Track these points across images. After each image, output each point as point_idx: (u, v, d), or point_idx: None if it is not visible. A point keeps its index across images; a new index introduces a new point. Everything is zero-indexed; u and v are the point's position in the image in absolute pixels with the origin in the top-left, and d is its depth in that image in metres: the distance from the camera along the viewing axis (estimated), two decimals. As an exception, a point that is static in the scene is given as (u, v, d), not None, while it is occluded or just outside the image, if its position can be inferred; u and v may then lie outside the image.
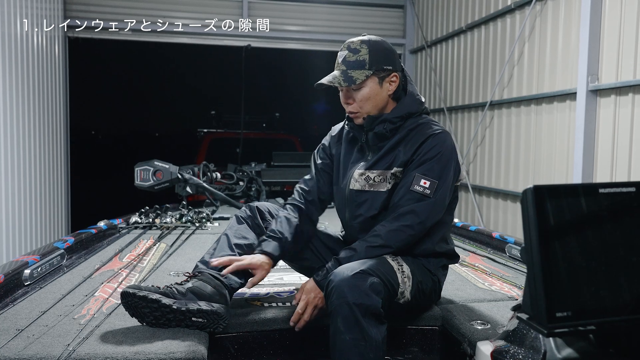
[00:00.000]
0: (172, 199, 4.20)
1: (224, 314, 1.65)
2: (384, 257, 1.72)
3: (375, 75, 1.79)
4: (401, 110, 1.83)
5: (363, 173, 1.84)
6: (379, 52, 1.80)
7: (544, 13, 4.38)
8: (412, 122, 1.83)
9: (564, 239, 0.94)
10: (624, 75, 3.51)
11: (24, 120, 4.94)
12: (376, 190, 1.81)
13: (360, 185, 1.84)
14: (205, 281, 1.69)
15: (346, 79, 1.78)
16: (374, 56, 1.78)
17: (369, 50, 1.79)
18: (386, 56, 1.81)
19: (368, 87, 1.79)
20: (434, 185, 1.73)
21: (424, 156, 1.76)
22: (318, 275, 1.73)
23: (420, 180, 1.73)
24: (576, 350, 1.02)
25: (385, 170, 1.81)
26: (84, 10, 6.34)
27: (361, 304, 1.52)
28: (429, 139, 1.77)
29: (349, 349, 1.51)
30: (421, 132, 1.80)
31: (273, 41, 6.99)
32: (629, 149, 3.47)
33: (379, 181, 1.81)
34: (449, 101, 6.19)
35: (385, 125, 1.81)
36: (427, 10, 6.74)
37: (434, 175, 1.74)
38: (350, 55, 1.79)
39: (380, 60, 1.79)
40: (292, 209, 1.94)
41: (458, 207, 5.97)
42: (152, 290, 1.63)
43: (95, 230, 3.03)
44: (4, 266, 2.10)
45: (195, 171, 4.14)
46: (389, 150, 1.82)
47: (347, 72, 1.78)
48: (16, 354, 1.43)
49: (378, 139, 1.84)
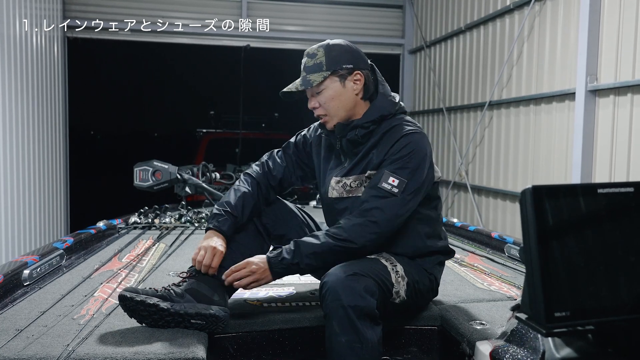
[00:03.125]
0: (171, 199, 4.20)
1: (222, 317, 1.65)
2: (377, 258, 1.72)
3: (334, 75, 1.77)
4: (373, 114, 1.80)
5: (340, 180, 1.83)
6: (336, 53, 1.79)
7: (543, 13, 4.38)
8: (386, 124, 1.80)
9: (563, 239, 0.94)
10: (622, 75, 3.51)
11: (23, 120, 4.94)
12: (354, 195, 1.80)
13: (337, 192, 1.83)
14: (202, 281, 1.69)
15: (303, 82, 1.79)
16: (330, 57, 1.78)
17: (325, 52, 1.78)
18: (345, 55, 1.79)
19: (329, 88, 1.78)
20: (402, 184, 1.69)
21: (395, 155, 1.73)
22: (272, 252, 1.72)
23: (388, 178, 1.70)
24: (575, 350, 1.02)
25: (360, 174, 1.80)
26: (83, 11, 6.34)
27: (356, 306, 1.52)
28: (401, 139, 1.75)
29: (345, 351, 1.52)
30: (394, 133, 1.77)
31: (272, 41, 6.99)
32: (628, 149, 3.47)
33: (356, 186, 1.80)
34: (448, 101, 6.19)
35: (357, 132, 1.79)
36: (426, 11, 6.74)
37: (403, 174, 1.70)
38: (309, 60, 1.80)
39: (337, 60, 1.78)
40: (252, 184, 1.91)
41: (457, 207, 6.00)
42: (149, 293, 1.62)
43: (95, 231, 3.03)
44: (3, 266, 2.10)
45: (194, 171, 4.14)
46: (363, 155, 1.80)
47: (306, 77, 1.79)
48: (15, 354, 1.43)
49: (352, 145, 1.82)
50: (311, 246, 1.67)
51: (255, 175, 1.94)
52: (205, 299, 1.65)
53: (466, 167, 5.71)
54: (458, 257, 2.74)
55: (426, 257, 1.83)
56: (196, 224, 3.55)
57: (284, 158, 1.99)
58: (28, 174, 5.03)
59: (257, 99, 10.09)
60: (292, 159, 1.99)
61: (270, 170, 1.96)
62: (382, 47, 7.29)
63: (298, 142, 2.01)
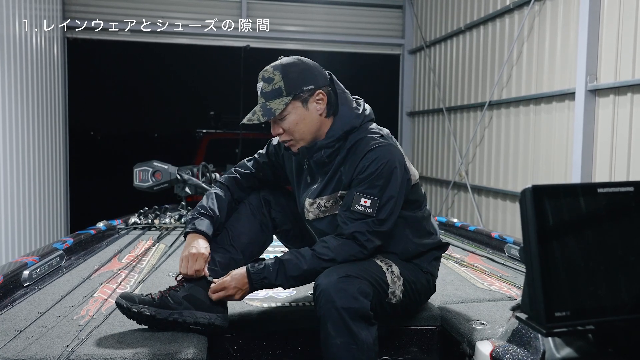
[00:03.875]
0: (171, 199, 4.19)
1: (221, 324, 1.65)
2: (372, 259, 1.71)
3: (296, 100, 1.68)
4: (337, 131, 1.72)
5: (313, 202, 1.78)
6: (294, 75, 1.68)
7: (543, 13, 4.38)
8: (352, 138, 1.73)
9: (563, 238, 0.94)
10: (622, 75, 3.51)
11: (23, 120, 4.94)
12: (331, 213, 1.77)
13: (313, 214, 1.79)
14: (200, 285, 1.67)
15: (265, 112, 1.68)
16: (289, 81, 1.67)
17: (282, 76, 1.67)
18: (303, 76, 1.69)
19: (292, 114, 1.69)
20: (375, 203, 1.64)
21: (363, 174, 1.66)
22: (253, 267, 1.65)
23: (360, 200, 1.65)
24: (575, 349, 1.02)
25: (332, 194, 1.76)
26: (83, 11, 6.34)
27: (349, 308, 1.51)
28: (367, 154, 1.67)
29: (341, 353, 1.51)
30: (359, 149, 1.70)
31: (272, 41, 6.99)
32: (628, 148, 3.47)
33: (330, 205, 1.76)
34: (448, 101, 6.19)
35: (322, 152, 1.72)
36: (426, 11, 6.74)
37: (373, 192, 1.64)
38: (266, 85, 1.69)
39: (297, 83, 1.68)
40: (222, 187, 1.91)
41: (457, 207, 6.00)
42: (146, 302, 1.61)
43: (94, 231, 3.03)
44: (3, 267, 2.10)
45: (194, 172, 4.14)
46: (332, 174, 1.75)
47: (266, 105, 1.68)
48: (15, 355, 1.43)
49: (320, 166, 1.77)
50: (296, 269, 1.63)
51: (224, 180, 1.94)
52: (203, 306, 1.64)
53: (466, 167, 5.70)
54: (458, 257, 2.74)
55: (421, 257, 1.82)
56: (196, 224, 3.55)
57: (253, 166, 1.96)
58: (28, 174, 5.03)
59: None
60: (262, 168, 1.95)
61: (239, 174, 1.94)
62: (382, 47, 7.29)
63: (270, 152, 1.95)
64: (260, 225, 1.86)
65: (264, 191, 1.91)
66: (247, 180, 1.94)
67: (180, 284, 1.69)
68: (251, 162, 1.97)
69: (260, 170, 1.95)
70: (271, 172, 1.96)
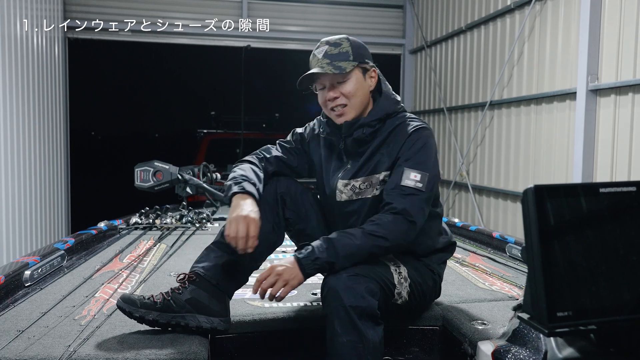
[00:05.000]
0: (172, 199, 4.20)
1: (223, 329, 1.65)
2: (380, 259, 1.70)
3: (360, 67, 1.74)
4: (378, 112, 1.76)
5: (347, 183, 1.78)
6: (360, 46, 1.77)
7: (544, 13, 4.38)
8: (390, 123, 1.77)
9: (565, 238, 0.94)
10: (623, 74, 3.51)
11: (24, 121, 4.94)
12: (363, 197, 1.77)
13: (347, 196, 1.79)
14: (203, 288, 1.64)
15: (335, 68, 1.70)
16: (356, 49, 1.75)
17: (350, 44, 1.75)
18: (365, 51, 1.78)
19: (354, 79, 1.73)
20: (424, 177, 1.66)
21: (410, 150, 1.70)
22: (301, 253, 1.59)
23: (410, 174, 1.65)
24: (577, 349, 1.02)
25: (369, 176, 1.76)
26: (83, 11, 6.35)
27: (357, 307, 1.51)
28: (412, 134, 1.72)
29: (347, 351, 1.51)
30: (402, 131, 1.74)
31: (273, 41, 7.00)
32: (629, 148, 3.47)
33: (365, 188, 1.76)
34: (449, 101, 6.19)
35: (364, 130, 1.74)
36: (427, 11, 6.74)
37: (424, 167, 1.68)
38: (332, 48, 1.73)
39: (361, 53, 1.76)
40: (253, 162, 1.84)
41: (458, 207, 6.00)
42: (148, 306, 1.59)
43: (96, 231, 3.03)
44: (5, 267, 2.10)
45: (195, 172, 4.14)
46: (370, 155, 1.76)
47: (334, 63, 1.71)
48: (17, 355, 1.43)
49: (357, 145, 1.77)
50: (348, 246, 1.58)
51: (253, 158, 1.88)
52: (206, 310, 1.62)
53: (467, 167, 5.70)
54: (459, 257, 2.74)
55: (432, 255, 1.83)
56: (197, 224, 3.55)
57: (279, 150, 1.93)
58: (29, 174, 5.03)
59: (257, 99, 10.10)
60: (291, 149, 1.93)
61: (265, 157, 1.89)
62: (382, 47, 7.29)
63: (296, 139, 1.95)
64: (272, 226, 1.79)
65: (281, 187, 1.84)
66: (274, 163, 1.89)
67: (183, 285, 1.66)
68: (275, 148, 1.94)
69: (287, 154, 1.92)
70: (296, 158, 1.92)
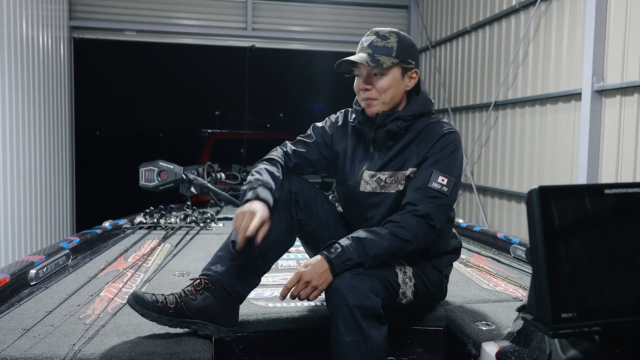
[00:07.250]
0: (177, 199, 4.21)
1: (228, 340, 1.66)
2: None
3: (400, 66, 1.75)
4: (414, 109, 1.78)
5: (374, 175, 1.78)
6: (407, 45, 1.77)
7: (549, 13, 4.37)
8: (422, 122, 1.79)
9: (569, 239, 0.94)
10: (629, 75, 3.49)
11: (30, 120, 4.97)
12: (387, 192, 1.77)
13: (371, 187, 1.79)
14: (217, 297, 1.62)
15: (373, 60, 1.72)
16: (402, 47, 1.75)
17: (398, 40, 1.75)
18: (412, 51, 1.79)
19: (391, 76, 1.74)
20: (450, 182, 1.68)
21: (441, 152, 1.72)
22: (329, 252, 1.58)
23: (438, 177, 1.68)
24: (581, 351, 1.02)
25: (397, 171, 1.76)
26: (89, 11, 6.37)
27: (361, 306, 1.51)
28: (443, 137, 1.74)
29: (350, 350, 1.51)
30: (434, 131, 1.76)
31: (277, 42, 7.00)
32: (635, 149, 3.45)
33: (390, 182, 1.77)
34: (454, 101, 6.18)
35: (398, 123, 1.76)
36: (431, 11, 6.73)
37: (451, 172, 1.70)
38: (378, 40, 1.75)
39: (407, 52, 1.76)
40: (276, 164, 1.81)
41: (462, 207, 5.98)
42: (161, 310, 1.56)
43: (100, 231, 3.04)
44: (10, 266, 2.11)
45: (199, 172, 4.16)
46: (400, 150, 1.77)
47: (374, 56, 1.73)
48: (22, 354, 1.44)
49: (388, 137, 1.78)
50: (377, 247, 1.59)
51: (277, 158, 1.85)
52: (216, 319, 1.61)
53: (471, 168, 5.69)
54: (464, 257, 2.74)
55: (442, 257, 1.84)
56: (201, 224, 3.56)
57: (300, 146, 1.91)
58: (34, 174, 5.06)
59: (262, 100, 10.11)
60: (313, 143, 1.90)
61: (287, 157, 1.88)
62: (387, 47, 7.28)
63: (316, 134, 1.93)
64: (286, 227, 1.76)
65: (295, 186, 1.81)
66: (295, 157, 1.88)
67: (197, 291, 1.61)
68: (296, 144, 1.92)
69: (307, 148, 1.91)
70: (316, 152, 1.90)
